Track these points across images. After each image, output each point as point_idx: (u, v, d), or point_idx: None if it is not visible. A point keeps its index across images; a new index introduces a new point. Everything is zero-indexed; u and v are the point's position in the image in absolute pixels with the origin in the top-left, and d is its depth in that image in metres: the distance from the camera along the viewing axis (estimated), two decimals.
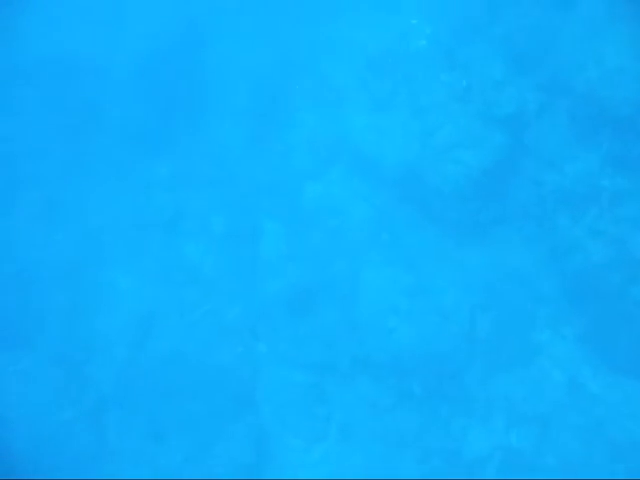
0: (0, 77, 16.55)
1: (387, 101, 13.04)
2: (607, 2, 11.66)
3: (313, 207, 15.04)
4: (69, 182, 16.15)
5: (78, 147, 16.40)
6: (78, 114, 16.54)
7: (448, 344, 12.69)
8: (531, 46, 11.90)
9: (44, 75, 16.80)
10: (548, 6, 11.73)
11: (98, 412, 13.72)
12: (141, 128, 16.27)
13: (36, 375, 13.86)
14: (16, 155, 16.22)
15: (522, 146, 12.11)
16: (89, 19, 16.35)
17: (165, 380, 13.69)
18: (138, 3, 16.43)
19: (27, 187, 16.10)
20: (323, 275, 14.00)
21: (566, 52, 11.35)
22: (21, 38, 16.33)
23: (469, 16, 12.52)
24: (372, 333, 13.09)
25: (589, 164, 11.58)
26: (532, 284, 12.82)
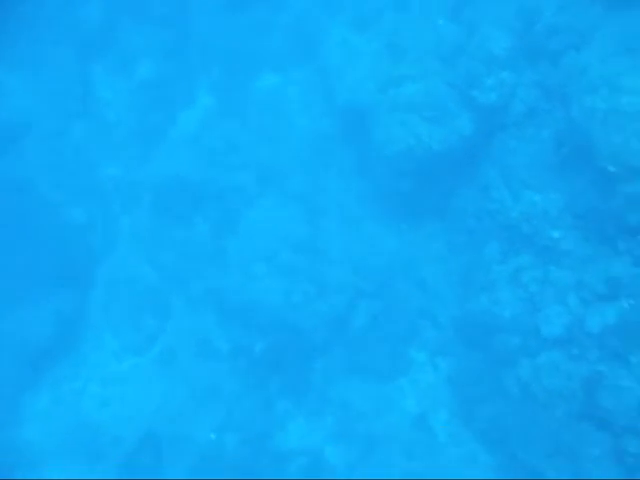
0: None
1: (369, 23, 10.33)
2: None
3: (259, 99, 12.66)
4: None
5: None
6: None
7: (311, 321, 10.80)
8: (555, 33, 9.06)
9: None
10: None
11: None
12: None
13: None
14: None
15: (488, 149, 9.62)
16: None
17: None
18: None
19: None
20: (221, 177, 11.95)
21: (589, 60, 8.51)
22: None
23: None
24: (236, 270, 11.13)
25: (550, 206, 9.16)
26: (432, 299, 10.85)
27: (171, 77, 13.00)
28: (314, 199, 11.53)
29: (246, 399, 11.03)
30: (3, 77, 12.54)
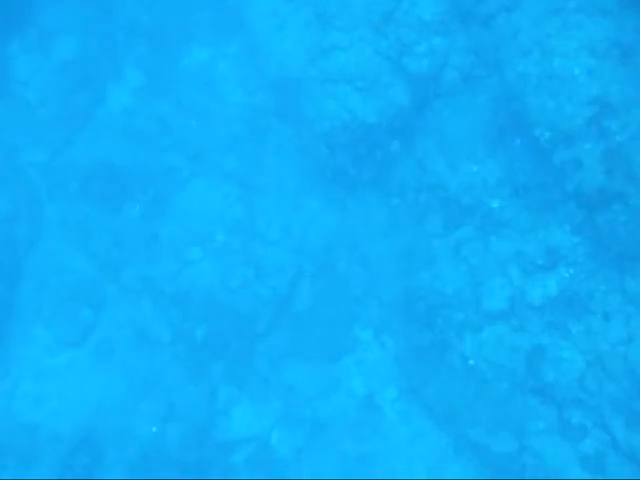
0: None
1: None
2: None
3: (189, 75, 12.07)
4: None
5: None
6: None
7: (251, 304, 10.41)
8: None
9: None
10: None
11: None
12: None
13: None
14: None
15: (423, 119, 9.28)
16: None
17: None
18: None
19: None
20: (152, 159, 11.39)
21: (521, 22, 8.20)
22: None
23: None
24: (170, 255, 10.66)
25: (489, 175, 8.91)
26: (376, 277, 10.54)
27: (95, 55, 12.29)
28: (249, 178, 11.11)
29: (188, 387, 10.64)
30: None
